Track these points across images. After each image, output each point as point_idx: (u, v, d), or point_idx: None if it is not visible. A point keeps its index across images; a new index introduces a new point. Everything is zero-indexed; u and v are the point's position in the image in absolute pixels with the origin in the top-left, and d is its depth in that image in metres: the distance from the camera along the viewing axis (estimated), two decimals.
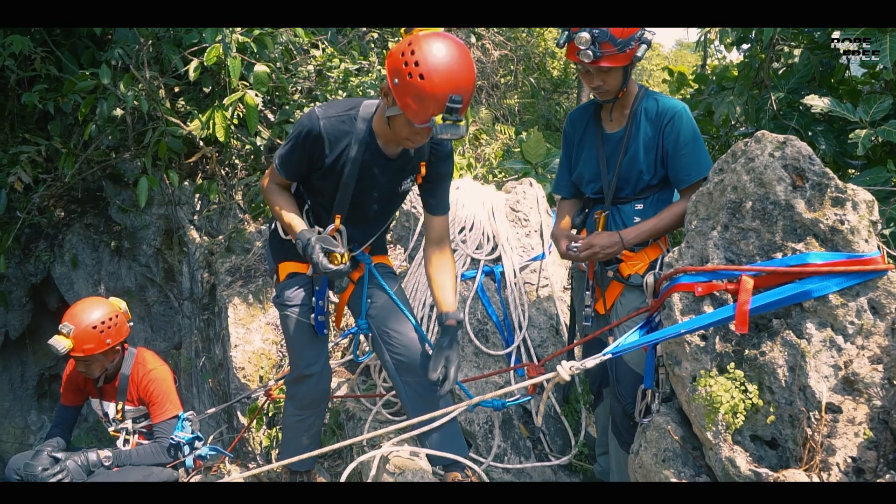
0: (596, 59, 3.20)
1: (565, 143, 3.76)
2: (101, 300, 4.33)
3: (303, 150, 3.24)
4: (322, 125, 3.18)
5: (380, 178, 3.34)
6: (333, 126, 3.20)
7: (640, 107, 3.42)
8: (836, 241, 2.59)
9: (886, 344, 2.51)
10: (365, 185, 3.33)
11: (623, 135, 3.44)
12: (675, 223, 3.35)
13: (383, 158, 3.30)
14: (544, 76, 12.37)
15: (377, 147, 3.26)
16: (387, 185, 3.38)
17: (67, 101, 6.37)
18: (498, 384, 4.47)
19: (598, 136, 3.54)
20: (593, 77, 3.33)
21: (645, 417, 3.12)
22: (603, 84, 3.33)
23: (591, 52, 3.17)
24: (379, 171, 3.31)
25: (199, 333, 6.80)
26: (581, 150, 3.63)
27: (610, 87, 3.34)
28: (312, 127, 3.19)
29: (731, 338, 2.72)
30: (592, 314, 3.64)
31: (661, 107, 3.38)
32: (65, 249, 7.50)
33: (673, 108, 3.36)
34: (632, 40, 3.20)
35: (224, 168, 6.97)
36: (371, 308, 3.60)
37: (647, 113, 3.40)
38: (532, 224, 5.09)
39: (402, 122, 3.02)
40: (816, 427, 2.47)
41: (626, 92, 3.40)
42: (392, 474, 3.54)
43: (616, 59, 3.22)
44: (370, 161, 3.27)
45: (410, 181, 3.44)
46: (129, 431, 4.45)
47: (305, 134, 3.20)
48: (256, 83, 6.00)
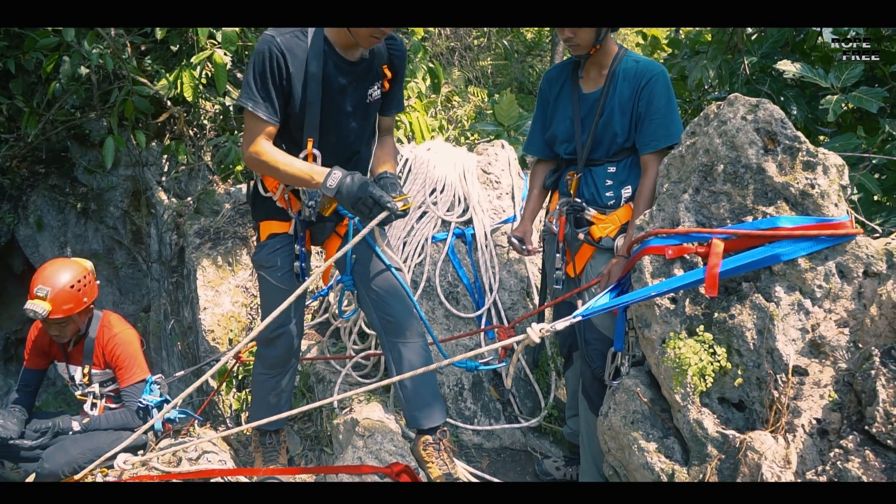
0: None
1: (540, 100, 3.71)
2: (68, 261, 4.26)
3: (272, 75, 3.11)
4: (279, 41, 3.09)
5: (348, 87, 3.27)
6: (288, 41, 3.12)
7: (618, 68, 3.36)
8: (806, 205, 2.59)
9: (853, 308, 2.53)
10: (333, 99, 3.24)
11: (599, 96, 3.39)
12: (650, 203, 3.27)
13: (346, 64, 3.23)
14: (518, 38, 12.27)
15: (337, 54, 3.20)
16: (356, 94, 3.31)
17: (29, 58, 6.21)
18: (468, 346, 4.48)
19: (575, 96, 3.49)
20: (564, 28, 3.28)
21: (615, 380, 3.13)
22: (574, 37, 3.27)
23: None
24: (345, 79, 3.25)
25: (167, 296, 6.74)
26: (556, 109, 3.59)
27: (581, 42, 3.28)
28: (271, 45, 3.09)
29: (700, 301, 2.73)
30: (563, 277, 3.63)
31: (640, 68, 3.32)
32: (29, 211, 7.36)
33: (651, 71, 3.31)
34: None
35: (192, 128, 6.86)
36: (357, 264, 3.56)
37: (626, 74, 3.34)
38: (504, 186, 5.07)
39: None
40: (783, 389, 2.49)
41: (603, 51, 3.35)
42: (361, 436, 3.54)
43: None
44: (333, 72, 3.20)
45: (378, 88, 3.39)
46: (97, 395, 4.40)
47: (268, 55, 3.09)
48: (225, 42, 5.87)
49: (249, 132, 3.20)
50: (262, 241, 3.53)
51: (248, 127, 3.20)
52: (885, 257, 2.54)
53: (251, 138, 3.19)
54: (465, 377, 4.39)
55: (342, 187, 3.05)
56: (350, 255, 3.52)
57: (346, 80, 3.25)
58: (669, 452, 2.72)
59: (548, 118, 3.65)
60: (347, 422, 3.75)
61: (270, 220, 3.51)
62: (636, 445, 2.78)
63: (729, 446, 2.53)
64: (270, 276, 3.49)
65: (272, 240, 3.49)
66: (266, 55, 3.09)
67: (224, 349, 5.46)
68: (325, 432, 4.38)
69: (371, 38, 3.09)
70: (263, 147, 3.17)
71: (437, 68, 7.16)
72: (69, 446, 4.05)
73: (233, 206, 6.32)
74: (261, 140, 3.17)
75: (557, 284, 3.65)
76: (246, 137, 3.22)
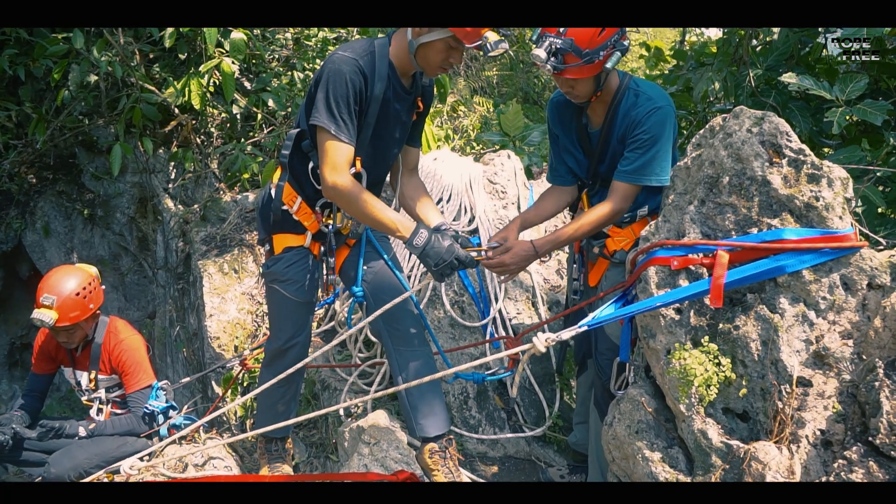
0: (559, 72, 3.08)
1: (550, 133, 3.67)
2: (73, 268, 4.29)
3: (354, 99, 3.07)
4: (361, 64, 3.07)
5: (401, 112, 3.30)
6: (368, 63, 3.11)
7: (618, 106, 3.26)
8: (810, 217, 2.61)
9: (857, 319, 2.55)
10: (387, 122, 3.27)
11: (599, 135, 3.35)
12: (592, 228, 3.29)
13: (403, 91, 3.27)
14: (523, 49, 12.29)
15: (398, 79, 3.23)
16: (403, 121, 3.36)
17: (39, 65, 6.25)
18: (474, 356, 4.49)
19: (582, 133, 3.44)
20: (563, 83, 3.21)
21: (621, 390, 3.15)
22: (571, 90, 3.21)
23: (552, 65, 3.04)
24: (400, 105, 3.28)
25: (173, 303, 6.76)
26: (567, 144, 3.55)
27: (579, 94, 3.21)
28: (355, 68, 3.06)
29: (705, 311, 2.74)
30: (581, 287, 3.64)
31: (639, 105, 3.21)
32: (36, 217, 7.39)
33: (647, 108, 3.19)
34: (602, 49, 3.04)
35: (199, 136, 6.89)
36: (366, 274, 3.58)
37: (625, 113, 3.25)
38: (509, 196, 5.09)
39: (438, 48, 3.04)
40: (787, 400, 2.51)
41: (603, 89, 3.25)
42: (367, 444, 3.55)
43: (581, 72, 3.07)
44: (392, 97, 3.22)
45: (410, 119, 3.43)
46: (103, 401, 4.43)
47: (351, 79, 3.04)
48: (233, 50, 5.91)
49: (332, 158, 3.08)
50: (276, 255, 3.50)
51: (331, 152, 3.09)
52: (889, 270, 2.55)
53: (336, 166, 3.08)
54: (470, 386, 4.41)
55: (428, 249, 3.07)
56: (361, 266, 3.55)
57: (399, 107, 3.28)
58: (674, 462, 2.73)
59: (562, 150, 3.59)
60: (353, 429, 3.76)
61: (285, 233, 3.49)
62: (640, 455, 2.79)
63: (733, 456, 2.54)
64: (286, 290, 3.49)
65: (288, 253, 3.48)
66: (348, 78, 3.05)
67: (229, 356, 5.48)
68: (330, 440, 4.39)
69: (439, 69, 3.14)
70: (352, 181, 3.11)
71: (444, 78, 7.18)
72: (75, 451, 4.08)
73: (239, 214, 6.35)
74: (347, 169, 3.10)
75: (575, 294, 3.66)
76: (328, 164, 3.09)
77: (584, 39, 3.00)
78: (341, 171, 3.08)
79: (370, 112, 3.17)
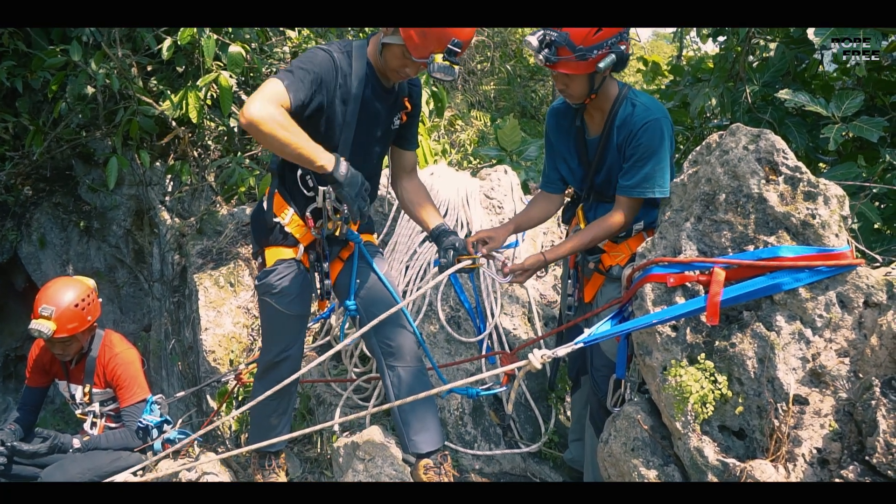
0: (552, 64, 3.09)
1: (547, 140, 3.67)
2: (71, 279, 4.27)
3: (317, 75, 3.07)
4: (335, 56, 3.14)
5: (381, 112, 3.34)
6: (344, 59, 3.18)
7: (616, 115, 3.26)
8: (807, 234, 2.61)
9: (853, 337, 2.54)
10: (368, 122, 3.30)
11: (598, 143, 3.35)
12: (601, 237, 3.31)
13: (383, 91, 3.30)
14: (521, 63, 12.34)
15: (377, 79, 3.26)
16: (386, 121, 3.39)
17: (37, 77, 6.25)
18: (469, 371, 4.48)
19: (580, 140, 3.44)
20: (558, 79, 3.23)
21: (617, 407, 3.14)
22: (566, 88, 3.22)
23: (545, 56, 3.06)
24: (380, 105, 3.31)
25: (168, 316, 6.74)
26: (564, 152, 3.55)
27: (573, 93, 3.22)
28: (327, 56, 3.12)
29: (701, 329, 2.74)
30: (575, 303, 3.64)
31: (636, 115, 3.20)
32: (32, 229, 7.39)
33: (644, 119, 3.18)
34: (596, 48, 3.03)
35: (196, 149, 6.90)
36: (359, 289, 3.58)
37: (622, 120, 3.24)
38: (506, 211, 5.09)
39: (396, 53, 3.09)
40: (783, 418, 2.50)
41: (602, 95, 3.25)
42: (362, 460, 3.54)
43: (573, 67, 3.08)
44: (371, 96, 3.26)
45: (398, 119, 3.45)
46: (97, 415, 4.40)
47: (322, 59, 3.10)
48: (230, 64, 5.93)
49: (267, 91, 2.93)
50: (268, 267, 3.49)
51: (268, 87, 2.95)
52: (885, 288, 2.55)
53: (267, 96, 2.91)
54: (466, 402, 4.39)
55: (351, 178, 3.08)
56: (354, 280, 3.54)
57: (380, 106, 3.32)
58: (669, 480, 2.72)
59: (557, 158, 3.60)
60: (348, 445, 3.74)
61: (277, 245, 3.50)
62: (636, 473, 2.78)
63: (729, 475, 2.53)
64: (277, 303, 3.48)
65: (280, 265, 3.47)
66: (319, 60, 3.10)
67: (225, 370, 5.46)
68: (325, 455, 4.37)
69: (395, 75, 3.20)
70: (279, 111, 2.91)
71: (441, 92, 7.21)
72: (68, 465, 4.04)
73: (235, 227, 6.34)
74: (277, 104, 2.92)
75: (569, 310, 3.65)
76: (259, 93, 2.92)
77: (579, 36, 3.03)
78: (271, 102, 2.89)
79: (349, 111, 3.22)
